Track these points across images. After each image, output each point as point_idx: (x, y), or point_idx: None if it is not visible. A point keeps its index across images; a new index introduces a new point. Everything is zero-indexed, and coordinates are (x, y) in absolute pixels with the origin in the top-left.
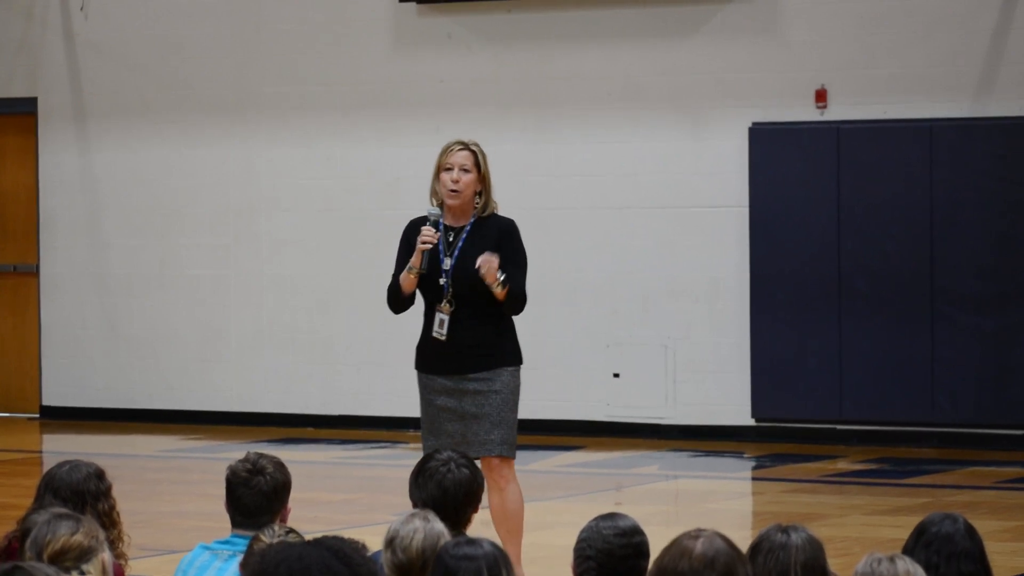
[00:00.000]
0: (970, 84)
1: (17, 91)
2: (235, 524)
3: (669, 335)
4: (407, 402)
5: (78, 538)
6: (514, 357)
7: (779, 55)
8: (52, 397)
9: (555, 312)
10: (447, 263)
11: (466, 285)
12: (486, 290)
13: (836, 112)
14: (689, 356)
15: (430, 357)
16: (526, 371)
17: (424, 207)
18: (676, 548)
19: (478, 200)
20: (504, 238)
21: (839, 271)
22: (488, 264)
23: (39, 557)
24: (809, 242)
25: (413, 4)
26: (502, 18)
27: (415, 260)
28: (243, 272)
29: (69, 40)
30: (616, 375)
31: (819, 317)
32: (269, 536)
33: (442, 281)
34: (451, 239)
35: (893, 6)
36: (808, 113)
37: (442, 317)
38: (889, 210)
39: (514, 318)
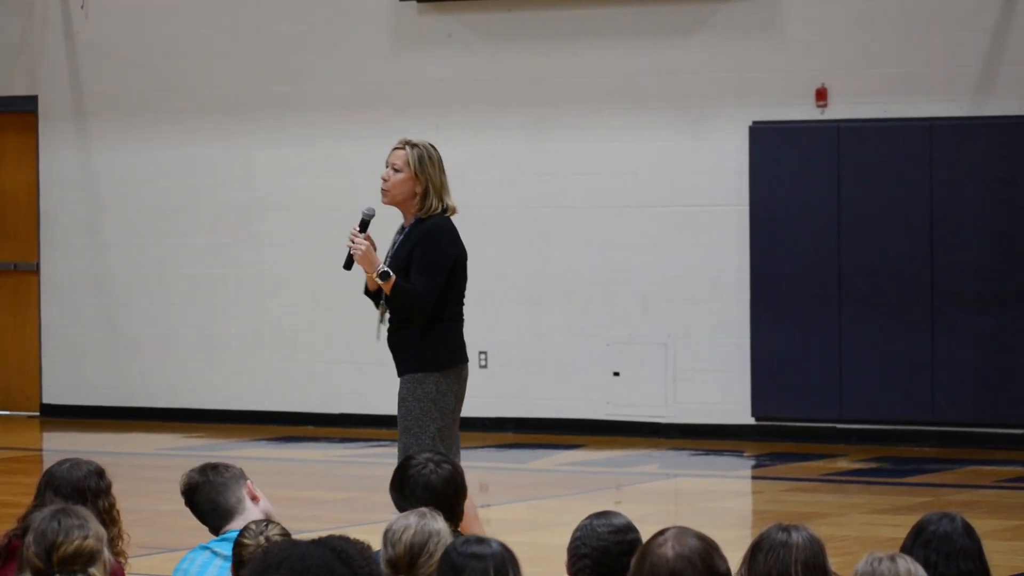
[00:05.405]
0: (970, 83)
1: (17, 89)
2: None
3: (669, 334)
4: None
5: (90, 542)
6: (425, 362)
7: (779, 54)
8: (52, 395)
9: (555, 311)
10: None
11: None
12: None
13: (836, 111)
14: (689, 355)
15: None
16: (526, 369)
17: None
18: (650, 559)
19: (424, 200)
20: (419, 241)
21: (839, 270)
22: (354, 246)
23: (47, 555)
24: (809, 241)
25: (413, 3)
26: (502, 17)
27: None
28: (243, 271)
29: (69, 39)
30: (616, 374)
31: (819, 316)
32: (252, 537)
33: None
34: (396, 240)
35: (893, 5)
36: (808, 112)
37: (381, 318)
38: (889, 209)
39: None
